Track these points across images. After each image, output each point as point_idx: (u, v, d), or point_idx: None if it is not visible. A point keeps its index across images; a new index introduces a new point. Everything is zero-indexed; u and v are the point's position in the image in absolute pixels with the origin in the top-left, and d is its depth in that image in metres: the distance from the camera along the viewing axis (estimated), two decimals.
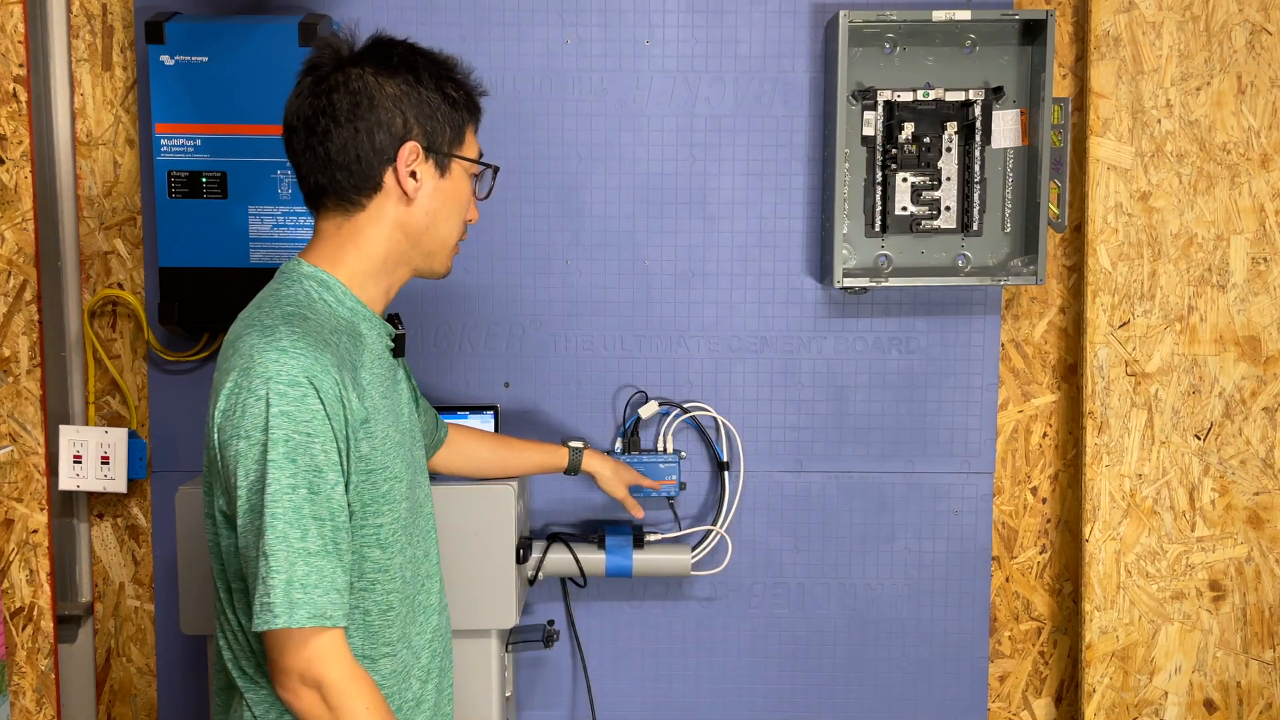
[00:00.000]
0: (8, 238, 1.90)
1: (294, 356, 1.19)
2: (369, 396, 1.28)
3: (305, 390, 1.19)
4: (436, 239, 1.35)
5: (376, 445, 1.28)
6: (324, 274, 1.30)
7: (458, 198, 1.36)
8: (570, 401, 2.04)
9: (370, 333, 1.33)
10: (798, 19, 1.99)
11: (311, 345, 1.21)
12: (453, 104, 1.34)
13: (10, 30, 1.86)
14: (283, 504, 1.17)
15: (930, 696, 2.09)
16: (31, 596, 1.94)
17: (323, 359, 1.21)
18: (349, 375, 1.24)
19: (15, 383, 1.92)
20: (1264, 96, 1.97)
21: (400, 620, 1.34)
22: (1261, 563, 2.03)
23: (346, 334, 1.29)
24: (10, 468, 1.92)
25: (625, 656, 2.09)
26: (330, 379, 1.21)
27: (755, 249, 2.03)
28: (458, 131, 1.34)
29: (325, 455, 1.20)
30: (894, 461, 2.06)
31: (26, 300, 1.91)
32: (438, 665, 1.41)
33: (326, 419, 1.20)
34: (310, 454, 1.19)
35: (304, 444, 1.18)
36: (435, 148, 1.32)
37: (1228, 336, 2.00)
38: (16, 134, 1.88)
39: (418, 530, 1.38)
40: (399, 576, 1.33)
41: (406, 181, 1.30)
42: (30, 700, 1.94)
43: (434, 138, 1.32)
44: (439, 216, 1.34)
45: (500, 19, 1.99)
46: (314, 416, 1.19)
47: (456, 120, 1.34)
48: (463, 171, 1.36)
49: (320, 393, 1.19)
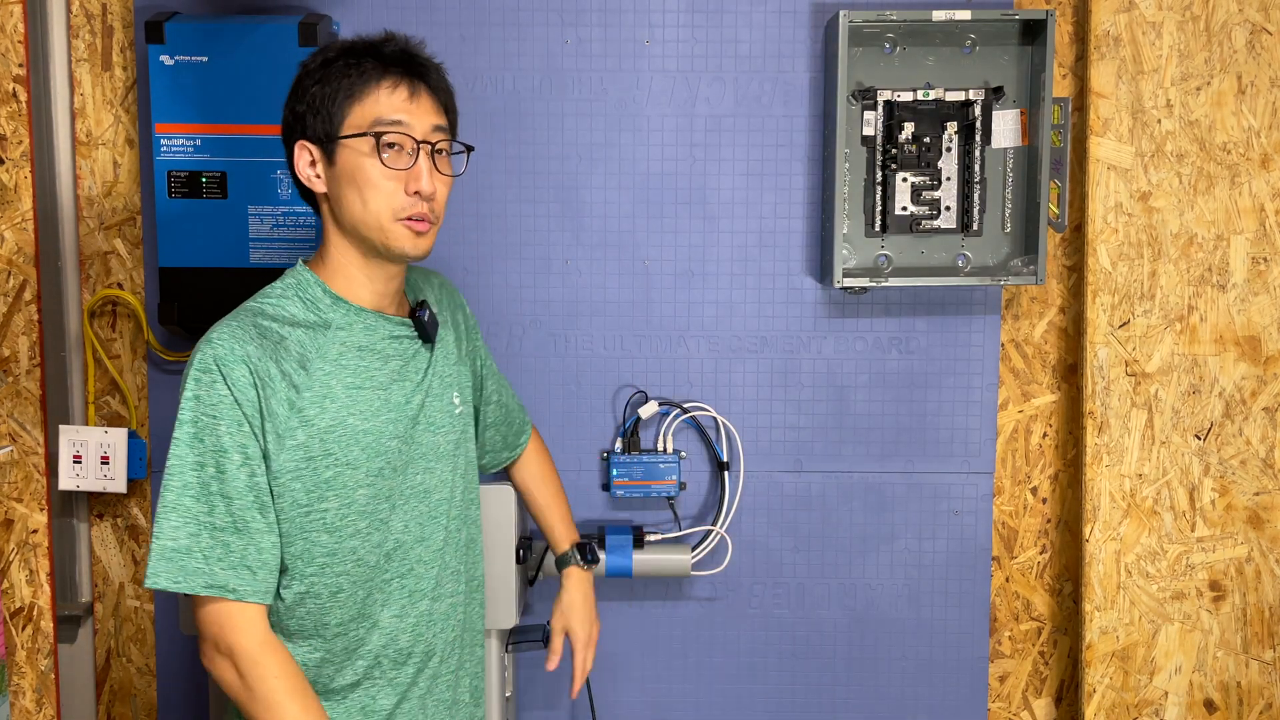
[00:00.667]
0: (8, 238, 1.90)
1: (213, 346, 1.29)
2: (314, 386, 1.33)
3: (214, 376, 1.28)
4: (363, 222, 1.35)
5: (316, 434, 1.32)
6: (307, 273, 1.39)
7: (355, 176, 1.34)
8: (570, 401, 2.04)
9: (349, 327, 1.38)
10: (798, 19, 1.99)
11: (235, 336, 1.30)
12: (324, 88, 1.34)
13: (10, 30, 1.86)
14: (184, 477, 1.27)
15: (930, 696, 2.09)
16: (31, 596, 1.94)
17: (239, 349, 1.29)
18: (284, 366, 1.31)
19: (15, 383, 1.92)
20: (1264, 96, 1.97)
21: (356, 602, 1.37)
22: (1261, 563, 2.03)
23: (309, 328, 1.35)
24: (10, 468, 1.92)
25: (625, 656, 2.09)
26: (243, 368, 1.29)
27: (755, 249, 2.03)
28: (332, 114, 1.34)
29: (231, 438, 1.28)
30: (894, 461, 2.06)
31: (26, 300, 1.91)
32: (423, 649, 1.43)
33: (235, 404, 1.28)
34: (216, 435, 1.27)
35: (210, 425, 1.27)
36: (317, 140, 1.36)
37: (1228, 336, 2.00)
38: (16, 134, 1.88)
39: (404, 515, 1.40)
40: (352, 560, 1.36)
41: (311, 181, 1.37)
42: (30, 700, 1.94)
43: (315, 130, 1.35)
44: (346, 201, 1.35)
45: (500, 19, 1.99)
46: (220, 400, 1.28)
47: (328, 103, 1.34)
48: (354, 149, 1.34)
49: (228, 379, 1.28)
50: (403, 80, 1.36)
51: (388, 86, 1.35)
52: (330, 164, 1.36)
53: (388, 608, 1.40)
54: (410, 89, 1.36)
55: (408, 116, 1.35)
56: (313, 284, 1.38)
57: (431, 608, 1.43)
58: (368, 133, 1.33)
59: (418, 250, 1.37)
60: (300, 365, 1.33)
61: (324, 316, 1.37)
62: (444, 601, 1.45)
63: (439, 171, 1.38)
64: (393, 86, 1.35)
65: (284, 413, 1.30)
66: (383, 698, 1.41)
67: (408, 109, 1.35)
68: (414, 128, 1.35)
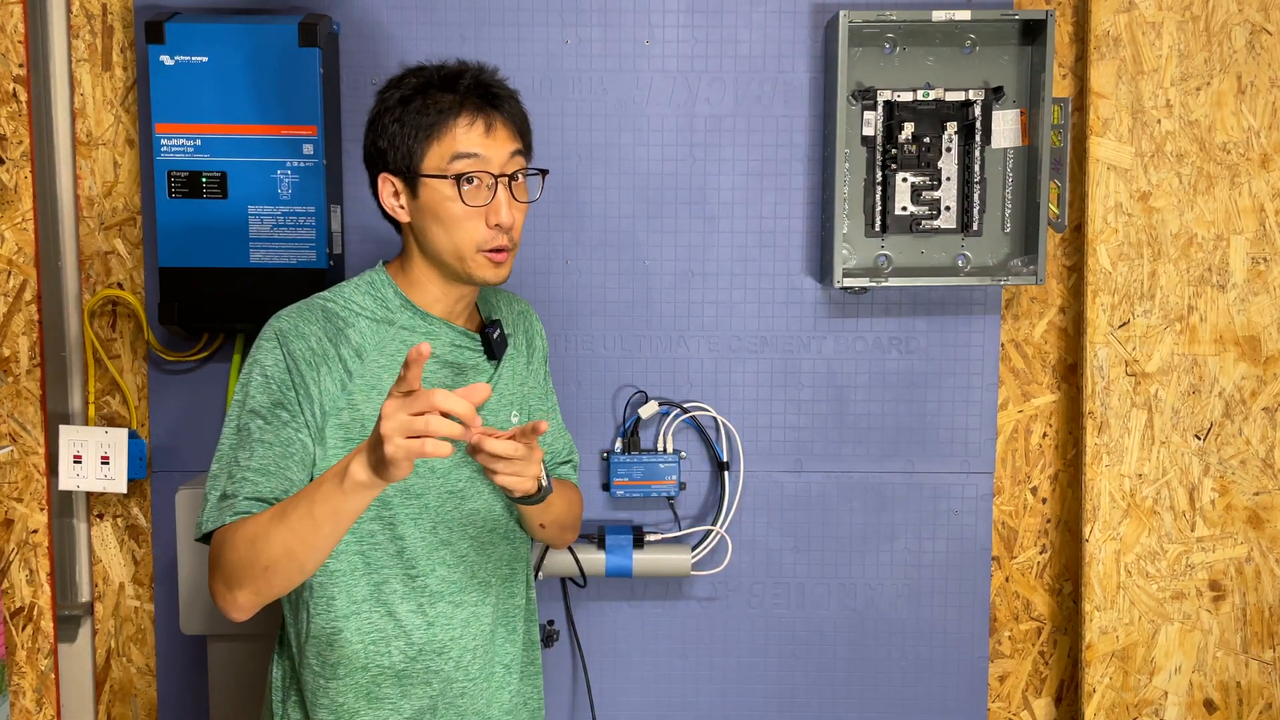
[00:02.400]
0: (8, 238, 1.90)
1: (280, 320, 1.40)
2: (366, 375, 1.40)
3: (274, 344, 1.38)
4: (444, 251, 1.41)
5: (359, 419, 1.38)
6: (381, 273, 1.47)
7: (437, 211, 1.40)
8: (570, 401, 2.04)
9: (415, 327, 1.44)
10: (798, 19, 1.99)
11: (301, 315, 1.40)
12: (403, 127, 1.39)
13: (10, 30, 1.86)
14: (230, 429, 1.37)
15: (930, 696, 2.09)
16: (31, 596, 1.94)
17: (303, 326, 1.39)
18: (340, 349, 1.39)
19: (15, 383, 1.92)
20: (1264, 96, 1.97)
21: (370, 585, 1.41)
22: (1261, 563, 2.03)
23: (375, 321, 1.43)
24: (10, 468, 1.92)
25: (625, 656, 2.09)
26: (302, 343, 1.38)
27: (755, 249, 2.03)
28: (412, 151, 1.39)
29: (280, 394, 1.36)
30: (894, 461, 2.06)
31: (26, 300, 1.91)
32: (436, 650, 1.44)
33: (286, 370, 1.36)
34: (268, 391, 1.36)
35: (263, 384, 1.37)
36: (400, 173, 1.41)
37: (1228, 336, 2.00)
38: (16, 134, 1.88)
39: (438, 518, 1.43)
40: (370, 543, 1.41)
41: (395, 211, 1.43)
42: (30, 700, 1.94)
43: (396, 164, 1.41)
44: (430, 233, 1.41)
45: (500, 19, 1.98)
46: (275, 364, 1.37)
47: (408, 140, 1.39)
48: (435, 186, 1.40)
49: (286, 348, 1.37)
50: (479, 115, 1.40)
51: (464, 123, 1.39)
52: (414, 197, 1.41)
53: (405, 601, 1.42)
54: (486, 123, 1.40)
55: (484, 151, 1.39)
56: (386, 285, 1.46)
57: (452, 613, 1.45)
58: (448, 175, 1.38)
59: (498, 277, 1.43)
60: (357, 354, 1.40)
61: (391, 315, 1.44)
62: (465, 609, 1.46)
63: (516, 200, 1.42)
64: (469, 123, 1.39)
65: (335, 390, 1.38)
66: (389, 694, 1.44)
67: (484, 143, 1.39)
68: (491, 162, 1.39)
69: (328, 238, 1.88)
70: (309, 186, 1.85)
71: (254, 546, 1.26)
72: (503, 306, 1.61)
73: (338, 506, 1.20)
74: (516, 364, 1.56)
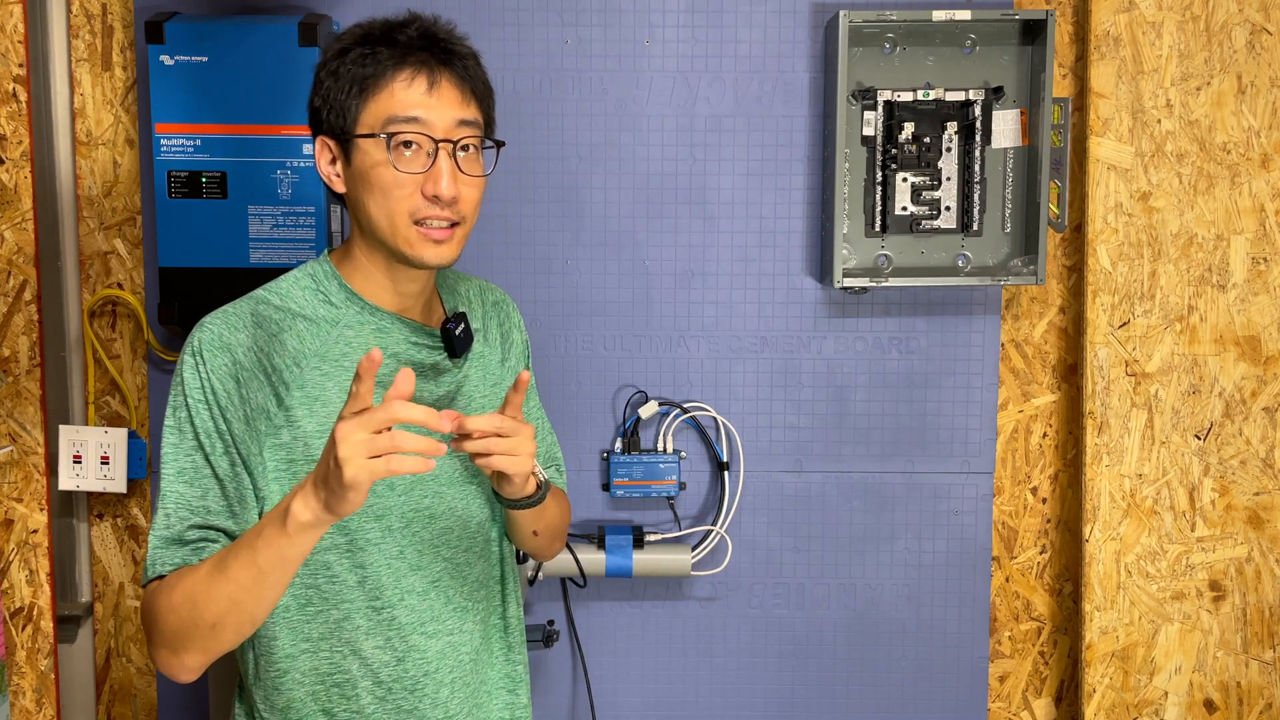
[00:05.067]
0: (8, 238, 1.90)
1: (202, 330, 1.24)
2: (305, 385, 1.24)
3: (197, 360, 1.23)
4: (378, 226, 1.24)
5: (301, 436, 1.23)
6: (326, 265, 1.31)
7: (368, 177, 1.23)
8: (570, 401, 2.04)
9: (360, 326, 1.28)
10: (798, 19, 1.99)
11: (227, 323, 1.25)
12: (336, 78, 1.24)
13: (10, 30, 1.86)
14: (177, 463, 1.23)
15: (930, 696, 2.09)
16: (31, 596, 1.94)
17: (228, 336, 1.24)
18: (274, 359, 1.24)
19: (15, 383, 1.92)
20: (1264, 96, 1.97)
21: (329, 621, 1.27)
22: (1261, 563, 2.03)
23: (314, 321, 1.28)
24: (10, 468, 1.92)
25: (625, 656, 2.09)
26: (225, 356, 1.23)
27: (755, 249, 2.03)
28: (346, 108, 1.24)
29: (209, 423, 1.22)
30: (894, 461, 2.06)
31: (26, 300, 1.91)
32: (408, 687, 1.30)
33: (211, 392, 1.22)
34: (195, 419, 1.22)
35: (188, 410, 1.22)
36: (334, 133, 1.26)
37: (1228, 336, 2.00)
38: (16, 134, 1.88)
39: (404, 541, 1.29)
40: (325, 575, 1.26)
41: (331, 180, 1.29)
42: (30, 700, 1.94)
43: (331, 124, 1.25)
44: (363, 204, 1.25)
45: (500, 19, 1.98)
46: (198, 386, 1.22)
47: (342, 96, 1.24)
48: (367, 149, 1.23)
49: (207, 364, 1.22)
50: (421, 70, 1.22)
51: (404, 79, 1.22)
52: (348, 163, 1.26)
53: (371, 637, 1.28)
54: (430, 79, 1.22)
55: (425, 112, 1.21)
56: (329, 277, 1.30)
57: (425, 644, 1.30)
58: (378, 133, 1.21)
59: (439, 258, 1.24)
60: (295, 362, 1.24)
61: (334, 312, 1.28)
62: (440, 640, 1.32)
63: (464, 172, 1.24)
64: (409, 78, 1.22)
65: (271, 408, 1.22)
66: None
67: (426, 103, 1.21)
68: (433, 125, 1.22)
69: (328, 238, 1.88)
70: (309, 186, 1.85)
71: (195, 605, 1.14)
72: (473, 297, 1.45)
73: (283, 551, 1.09)
74: (488, 362, 1.40)
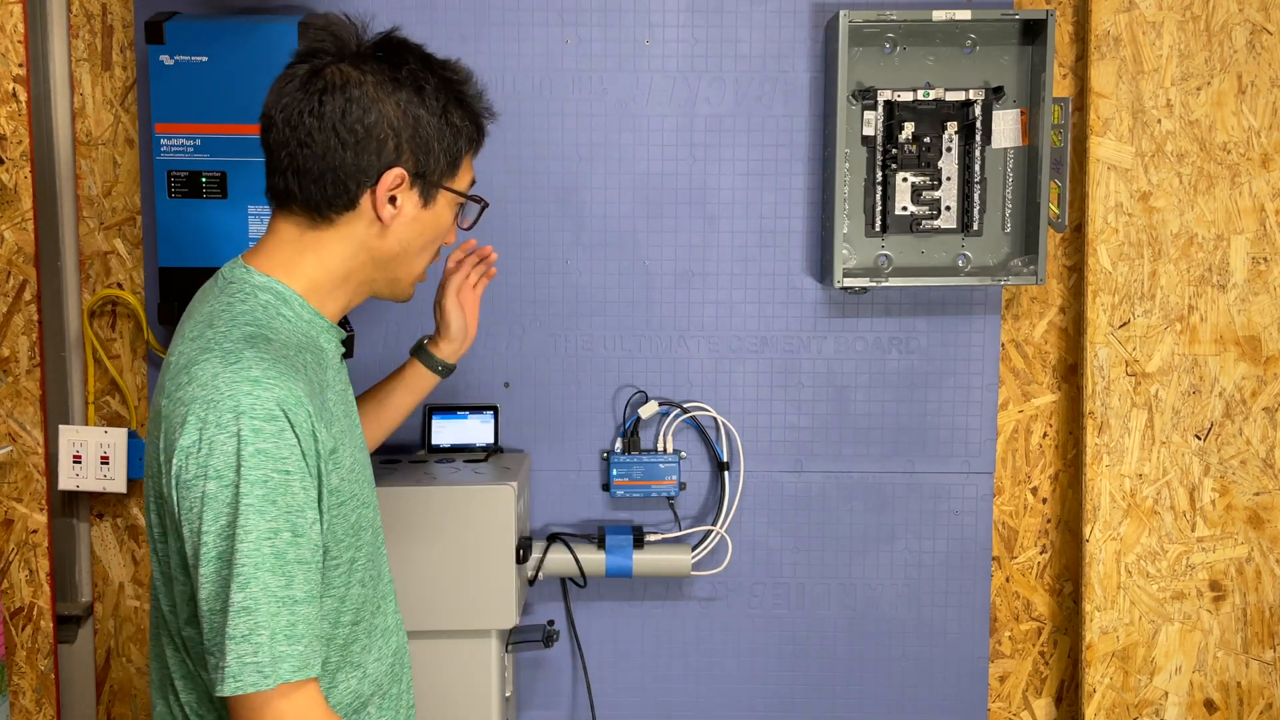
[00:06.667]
0: (7, 238, 1.90)
1: (266, 388, 1.08)
2: (335, 421, 1.18)
3: (281, 425, 1.08)
4: (404, 267, 1.24)
5: (345, 475, 1.18)
6: (279, 285, 1.19)
7: (437, 228, 1.25)
8: (570, 401, 2.04)
9: (329, 345, 1.24)
10: (798, 19, 1.99)
11: (283, 373, 1.10)
12: (455, 132, 1.23)
13: (10, 30, 1.86)
14: (263, 550, 1.06)
15: (930, 696, 2.09)
16: (31, 596, 1.94)
17: (296, 389, 1.10)
18: (318, 402, 1.14)
19: (15, 383, 1.92)
20: (1264, 96, 1.97)
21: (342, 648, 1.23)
22: (1262, 563, 2.03)
23: (309, 351, 1.18)
24: (10, 468, 1.92)
25: (625, 656, 2.09)
26: (304, 410, 1.10)
27: (755, 249, 2.03)
28: (452, 161, 1.23)
29: (305, 493, 1.09)
30: (894, 461, 2.06)
31: (26, 300, 1.91)
32: (396, 688, 1.32)
33: (302, 455, 1.09)
34: (290, 493, 1.08)
35: (283, 483, 1.07)
36: (424, 176, 1.21)
37: (1228, 336, 2.00)
38: (16, 134, 1.88)
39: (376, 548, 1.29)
40: (353, 606, 1.23)
41: (384, 208, 1.19)
42: (30, 700, 1.94)
43: (425, 166, 1.21)
44: (412, 247, 1.23)
45: (500, 19, 1.98)
46: (291, 453, 1.08)
47: (454, 150, 1.23)
48: (448, 202, 1.25)
49: (295, 426, 1.09)
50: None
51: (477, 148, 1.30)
52: (423, 206, 1.22)
53: (375, 652, 1.27)
54: None
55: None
56: (291, 299, 1.19)
57: (399, 643, 1.33)
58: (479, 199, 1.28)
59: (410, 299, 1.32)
60: (320, 397, 1.16)
61: (311, 336, 1.20)
62: (402, 634, 1.35)
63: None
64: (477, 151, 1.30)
65: (326, 455, 1.14)
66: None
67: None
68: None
69: None
70: None
71: None
72: None
73: None
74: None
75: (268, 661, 1.05)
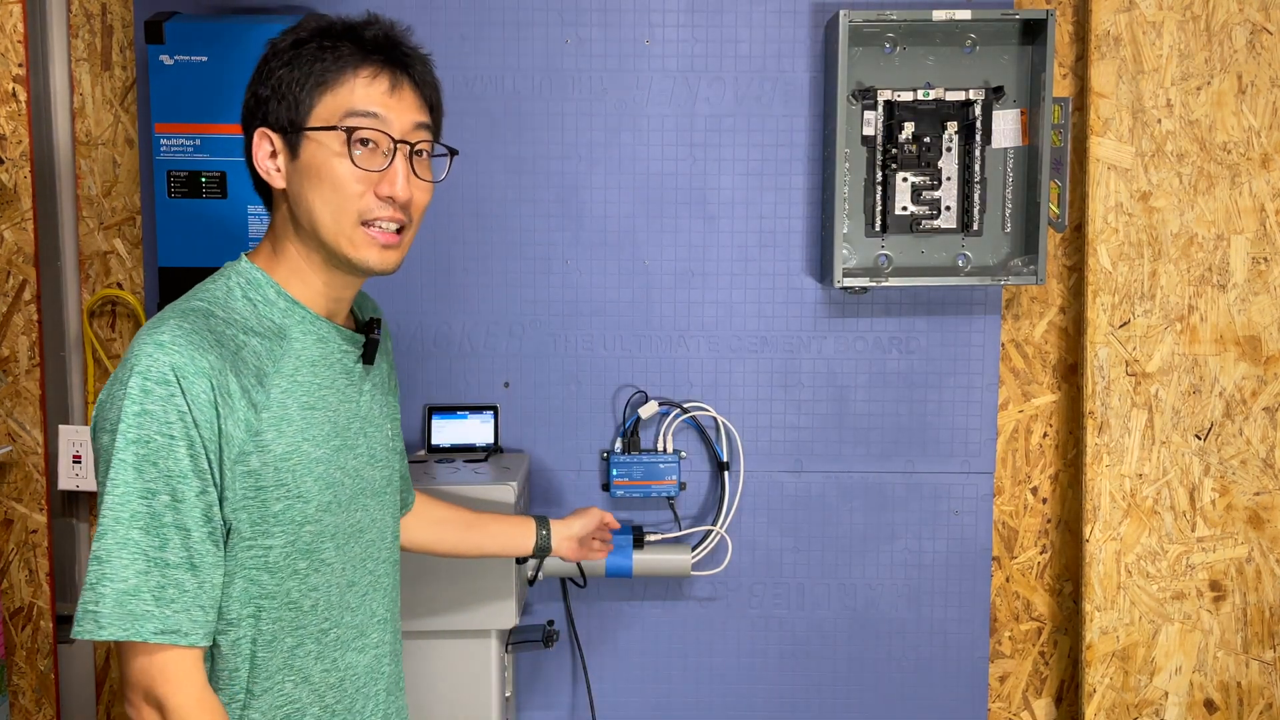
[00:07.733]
0: (7, 238, 1.90)
1: (168, 352, 1.09)
2: (272, 406, 1.16)
3: (172, 389, 1.09)
4: (324, 225, 1.19)
5: (271, 460, 1.15)
6: (256, 271, 1.21)
7: (320, 171, 1.18)
8: (570, 401, 2.04)
9: (304, 336, 1.22)
10: (798, 19, 1.99)
11: (194, 344, 1.10)
12: (291, 69, 1.19)
13: (10, 30, 1.86)
14: (133, 507, 1.07)
15: (930, 696, 2.09)
16: (31, 596, 1.94)
17: (202, 360, 1.10)
18: (243, 381, 1.14)
19: (15, 383, 1.92)
20: (1264, 96, 1.97)
21: (283, 651, 1.20)
22: (1262, 563, 2.03)
23: (266, 337, 1.18)
24: (10, 468, 1.92)
25: (625, 656, 2.08)
26: (205, 381, 1.10)
27: (755, 249, 2.03)
28: (300, 100, 1.18)
29: (193, 460, 1.09)
30: (894, 461, 2.06)
31: (26, 300, 1.91)
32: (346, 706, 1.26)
33: (195, 424, 1.09)
34: (174, 458, 1.08)
35: (166, 446, 1.08)
36: (281, 127, 1.19)
37: (1228, 336, 2.00)
38: (16, 134, 1.88)
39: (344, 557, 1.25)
40: (285, 603, 1.19)
41: (270, 174, 1.20)
42: (30, 700, 1.94)
43: (278, 117, 1.19)
44: (308, 200, 1.19)
45: (500, 19, 1.98)
46: (180, 419, 1.09)
47: (296, 88, 1.18)
48: (321, 143, 1.18)
49: (186, 393, 1.09)
50: (383, 70, 1.20)
51: (365, 76, 1.19)
52: (293, 157, 1.19)
53: (319, 661, 1.23)
54: (391, 80, 1.20)
55: (385, 111, 1.19)
56: (264, 284, 1.21)
57: (356, 660, 1.27)
58: (338, 126, 1.17)
59: (384, 264, 1.21)
60: (258, 381, 1.16)
61: (278, 323, 1.20)
62: (368, 654, 1.29)
63: (417, 176, 1.22)
64: (371, 76, 1.19)
65: (240, 436, 1.13)
66: None
67: (386, 103, 1.19)
68: (392, 124, 1.19)
69: None
70: None
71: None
72: (366, 304, 1.40)
73: None
74: (384, 371, 1.37)
75: (107, 612, 1.07)
